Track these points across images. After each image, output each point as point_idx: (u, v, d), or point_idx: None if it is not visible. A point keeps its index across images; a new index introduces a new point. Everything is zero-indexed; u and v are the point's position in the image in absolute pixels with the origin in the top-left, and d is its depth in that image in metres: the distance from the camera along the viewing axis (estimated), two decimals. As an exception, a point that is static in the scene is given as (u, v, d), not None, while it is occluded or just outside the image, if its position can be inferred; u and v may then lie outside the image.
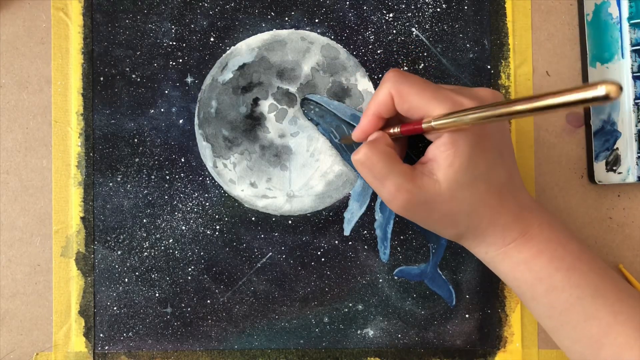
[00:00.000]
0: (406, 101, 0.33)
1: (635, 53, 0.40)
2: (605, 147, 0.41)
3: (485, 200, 0.33)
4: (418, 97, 0.32)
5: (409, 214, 0.34)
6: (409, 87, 0.32)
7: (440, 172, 0.32)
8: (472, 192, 0.32)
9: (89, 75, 0.42)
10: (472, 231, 0.34)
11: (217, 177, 0.42)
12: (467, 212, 0.33)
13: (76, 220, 0.42)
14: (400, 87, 0.33)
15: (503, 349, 0.42)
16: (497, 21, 0.42)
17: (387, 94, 0.33)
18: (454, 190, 0.32)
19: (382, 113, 0.34)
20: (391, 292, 0.42)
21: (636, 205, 0.43)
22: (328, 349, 0.42)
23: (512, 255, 0.34)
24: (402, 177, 0.32)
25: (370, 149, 0.33)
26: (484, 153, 0.32)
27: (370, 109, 0.35)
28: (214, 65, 0.42)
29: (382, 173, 0.33)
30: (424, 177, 0.32)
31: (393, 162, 0.33)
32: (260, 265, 0.42)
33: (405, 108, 0.33)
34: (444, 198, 0.32)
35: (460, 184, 0.32)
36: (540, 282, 0.33)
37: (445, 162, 0.32)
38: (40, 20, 0.42)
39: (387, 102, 0.34)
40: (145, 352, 0.42)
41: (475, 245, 0.35)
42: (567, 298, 0.32)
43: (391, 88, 0.33)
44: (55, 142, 0.42)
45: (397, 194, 0.32)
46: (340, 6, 0.42)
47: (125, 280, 0.42)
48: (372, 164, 0.33)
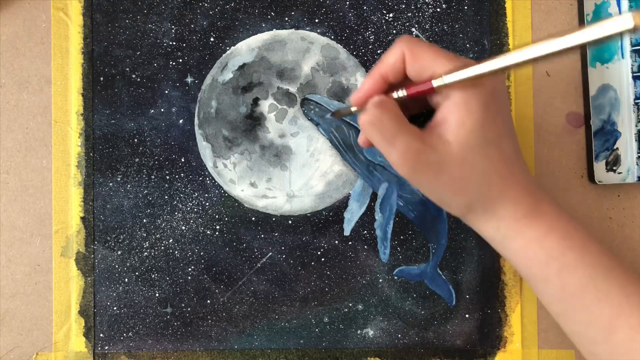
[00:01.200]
0: (419, 61, 0.32)
1: (635, 53, 0.40)
2: (605, 147, 0.41)
3: (496, 167, 0.32)
4: (432, 57, 0.31)
5: (418, 176, 0.32)
6: (422, 48, 0.32)
7: (451, 133, 0.31)
8: (483, 157, 0.31)
9: (89, 75, 0.42)
10: (482, 201, 0.33)
11: (217, 177, 0.42)
12: (478, 179, 0.32)
13: (76, 220, 0.42)
14: (413, 47, 0.32)
15: (503, 349, 0.42)
16: (497, 21, 0.42)
17: (399, 54, 0.32)
18: (465, 152, 0.31)
19: (390, 75, 0.33)
20: (391, 292, 0.42)
21: (636, 205, 0.43)
22: (328, 349, 0.42)
23: (525, 231, 0.32)
24: (412, 137, 0.31)
25: (379, 108, 0.32)
26: (496, 118, 0.31)
27: (377, 70, 0.33)
28: (214, 65, 0.42)
29: (392, 132, 0.31)
30: (434, 137, 0.31)
31: (402, 122, 0.32)
32: (260, 265, 0.42)
33: (416, 69, 0.32)
34: (455, 160, 0.31)
35: (472, 147, 0.31)
36: (553, 260, 0.32)
37: (456, 123, 0.31)
38: (40, 20, 0.42)
39: (397, 63, 0.32)
40: (145, 352, 0.42)
41: (485, 220, 0.33)
42: (580, 277, 0.32)
43: (404, 47, 0.32)
44: (55, 142, 0.42)
45: (407, 154, 0.31)
46: (340, 6, 0.42)
47: (125, 280, 0.42)
48: (381, 123, 0.32)
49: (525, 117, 0.42)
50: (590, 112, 0.42)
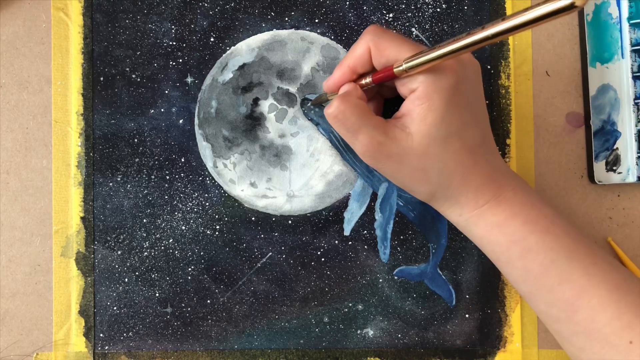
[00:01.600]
0: (383, 55, 0.33)
1: (635, 53, 0.40)
2: (605, 147, 0.41)
3: (458, 158, 0.33)
4: (396, 49, 0.32)
5: (381, 166, 0.33)
6: (388, 41, 0.33)
7: (414, 126, 0.32)
8: (444, 149, 0.32)
9: (89, 75, 0.42)
10: (444, 190, 0.34)
11: (217, 177, 0.42)
12: (439, 169, 0.33)
13: (76, 220, 0.42)
14: (378, 41, 0.33)
15: (503, 349, 0.42)
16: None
17: (365, 47, 0.33)
18: (426, 145, 0.32)
19: (357, 67, 0.34)
20: (391, 292, 0.42)
21: (636, 205, 0.43)
22: (328, 349, 0.42)
23: (486, 217, 0.33)
24: (374, 129, 0.32)
25: (342, 102, 0.33)
26: (458, 110, 0.32)
27: (346, 61, 0.34)
28: (214, 65, 0.42)
29: (355, 126, 0.32)
30: (397, 129, 0.32)
31: (365, 115, 0.33)
32: (260, 265, 0.42)
33: (382, 62, 0.33)
34: (416, 152, 0.32)
35: (433, 139, 0.32)
36: (514, 244, 0.33)
37: (419, 116, 0.32)
38: (40, 20, 0.42)
39: (364, 56, 0.33)
40: (145, 352, 0.42)
41: (448, 206, 0.35)
42: (542, 261, 0.32)
43: (369, 41, 0.33)
44: (55, 142, 0.42)
45: (370, 145, 0.32)
46: (340, 6, 0.42)
47: (125, 280, 0.42)
48: (344, 117, 0.33)
49: (525, 117, 0.42)
50: (590, 112, 0.42)
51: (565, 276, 0.32)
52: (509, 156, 0.42)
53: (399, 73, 0.32)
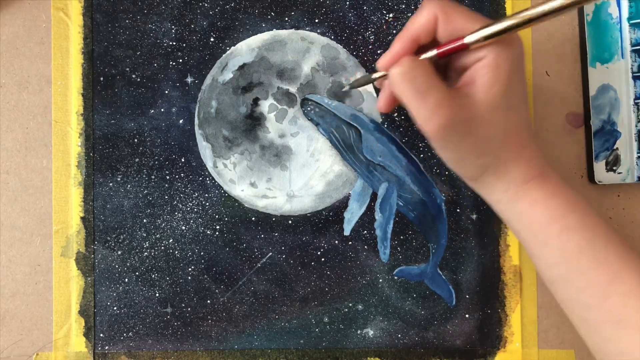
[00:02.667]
0: (452, 22, 0.32)
1: (635, 53, 0.40)
2: (605, 147, 0.41)
3: (516, 130, 0.33)
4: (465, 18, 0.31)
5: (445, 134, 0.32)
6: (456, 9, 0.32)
7: (480, 93, 0.31)
8: (507, 119, 0.32)
9: (89, 75, 0.42)
10: (497, 164, 0.33)
11: (217, 177, 0.42)
12: (500, 139, 0.32)
13: (76, 220, 0.42)
14: (447, 9, 0.32)
15: (503, 349, 0.42)
16: (497, 21, 0.42)
17: (431, 15, 0.32)
18: (491, 113, 0.32)
19: (421, 36, 0.32)
20: (391, 292, 0.42)
21: (636, 205, 0.43)
22: (328, 349, 0.42)
23: (532, 192, 0.33)
24: (444, 93, 0.31)
25: (412, 60, 0.31)
26: (519, 84, 0.32)
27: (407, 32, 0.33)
28: (214, 65, 0.42)
29: (424, 86, 0.31)
30: (463, 97, 0.32)
31: (435, 77, 0.31)
32: (260, 265, 0.42)
33: (449, 29, 0.32)
34: (481, 120, 0.32)
35: (498, 108, 0.32)
36: (554, 221, 0.33)
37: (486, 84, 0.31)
38: (40, 20, 0.42)
39: (429, 24, 0.32)
40: (145, 352, 0.42)
41: (496, 181, 0.34)
42: (580, 241, 0.32)
43: (437, 9, 0.32)
44: (55, 142, 0.42)
45: (439, 110, 0.31)
46: (340, 6, 0.42)
47: (125, 280, 0.42)
48: (414, 76, 0.31)
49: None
50: (590, 112, 0.42)
51: (602, 258, 0.32)
52: (509, 156, 0.42)
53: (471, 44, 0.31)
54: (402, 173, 0.42)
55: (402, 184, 0.42)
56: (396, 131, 0.42)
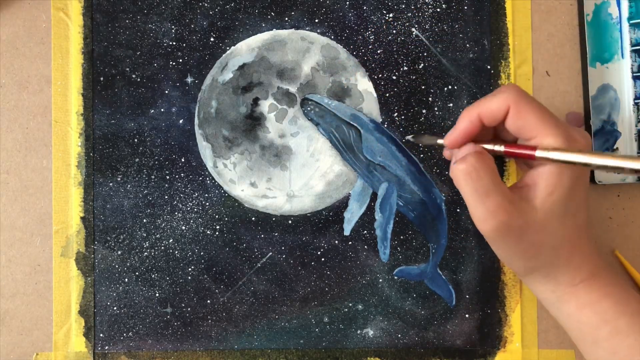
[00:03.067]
0: (522, 118, 0.31)
1: (635, 53, 0.40)
2: (605, 147, 0.41)
3: (569, 236, 0.33)
4: (537, 119, 0.31)
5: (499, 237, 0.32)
6: (530, 106, 0.31)
7: (539, 200, 0.31)
8: (561, 226, 0.32)
9: (89, 75, 0.42)
10: (547, 266, 0.34)
11: (217, 177, 0.42)
12: (551, 246, 0.33)
13: (76, 220, 0.42)
14: (521, 103, 0.31)
15: (503, 349, 0.42)
16: (497, 21, 0.42)
17: (503, 104, 0.32)
18: (547, 220, 0.32)
19: (487, 119, 0.32)
20: (391, 292, 0.42)
21: (636, 205, 0.42)
22: (328, 349, 0.42)
23: (580, 295, 0.33)
24: (503, 197, 0.31)
25: (478, 160, 0.32)
26: (579, 191, 0.32)
27: (475, 110, 0.33)
28: (214, 65, 0.42)
29: (486, 188, 0.31)
30: (522, 201, 0.32)
31: (498, 179, 0.32)
32: (260, 265, 0.42)
33: (518, 125, 0.32)
34: (537, 226, 0.32)
35: (554, 216, 0.32)
36: (605, 324, 0.33)
37: (545, 190, 0.31)
38: (40, 20, 0.42)
39: (499, 112, 0.32)
40: (145, 352, 0.42)
41: (544, 282, 0.34)
42: (632, 343, 0.32)
43: (511, 100, 0.32)
44: (55, 142, 0.42)
45: (497, 213, 0.31)
46: (340, 6, 0.42)
47: (125, 280, 0.42)
48: (478, 176, 0.31)
49: (525, 117, 0.42)
50: (590, 112, 0.42)
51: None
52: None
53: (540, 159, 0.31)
54: (402, 173, 0.42)
55: (402, 184, 0.42)
56: (396, 131, 0.42)
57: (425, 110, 0.42)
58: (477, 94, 0.42)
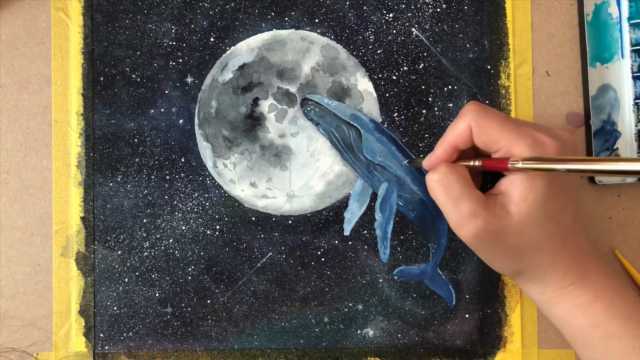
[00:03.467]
0: (485, 134, 0.32)
1: (635, 53, 0.40)
2: (605, 147, 0.41)
3: (551, 240, 0.33)
4: (498, 131, 0.32)
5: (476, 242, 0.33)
6: (489, 121, 0.32)
7: (513, 205, 0.32)
8: (540, 230, 0.32)
9: (89, 75, 0.42)
10: (531, 270, 0.34)
11: (217, 177, 0.42)
12: (532, 250, 0.33)
13: (76, 220, 0.42)
14: (480, 120, 0.33)
15: (503, 349, 0.42)
16: (497, 21, 0.42)
17: (466, 126, 0.33)
18: (523, 226, 0.32)
19: (459, 144, 0.34)
20: (391, 292, 0.42)
21: (636, 205, 0.42)
22: (328, 349, 0.42)
23: (569, 298, 0.33)
24: (477, 202, 0.32)
25: (449, 168, 0.33)
26: (557, 193, 0.32)
27: (447, 138, 0.34)
28: (214, 65, 0.42)
29: (457, 194, 0.32)
30: (497, 207, 0.32)
31: (470, 185, 0.32)
32: (260, 265, 0.42)
33: (483, 140, 0.33)
34: (512, 231, 0.32)
35: (531, 220, 0.32)
36: (596, 328, 0.33)
37: (519, 196, 0.32)
38: (40, 20, 0.42)
39: (465, 134, 0.33)
40: (145, 352, 0.42)
41: (532, 284, 0.35)
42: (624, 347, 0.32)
43: (471, 120, 0.33)
44: (55, 142, 0.42)
45: (470, 218, 0.32)
46: (340, 6, 0.42)
47: (125, 280, 0.42)
48: (449, 183, 0.32)
49: (525, 117, 0.42)
50: (590, 112, 0.42)
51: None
52: (509, 156, 0.42)
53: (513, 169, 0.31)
54: (402, 173, 0.42)
55: (402, 184, 0.42)
56: (396, 131, 0.42)
57: (425, 110, 0.42)
58: (477, 94, 0.42)
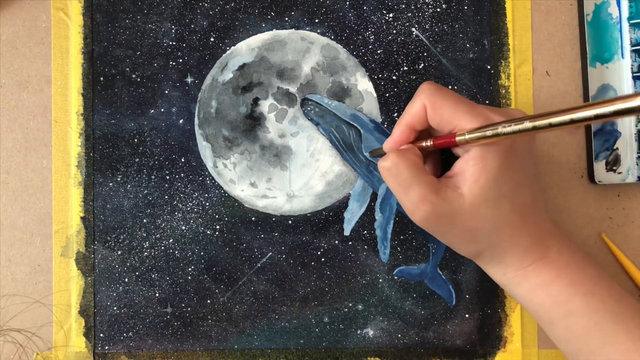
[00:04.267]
0: (438, 113, 0.33)
1: (635, 53, 0.40)
2: (605, 147, 0.41)
3: (507, 219, 0.33)
4: (451, 110, 0.32)
5: (430, 226, 0.33)
6: (443, 100, 0.33)
7: (466, 186, 0.32)
8: (495, 210, 0.32)
9: (89, 75, 0.42)
10: (491, 250, 0.34)
11: (217, 177, 0.42)
12: (488, 230, 0.33)
13: (76, 220, 0.42)
14: (434, 100, 0.33)
15: (503, 349, 0.42)
16: (497, 21, 0.42)
17: (420, 106, 0.33)
18: (477, 206, 0.32)
19: (415, 125, 0.34)
20: (391, 292, 0.42)
21: (636, 205, 0.43)
22: (328, 349, 0.42)
23: (530, 278, 0.33)
24: (426, 188, 0.32)
25: (398, 156, 0.33)
26: (511, 172, 0.32)
27: (403, 119, 0.34)
28: (214, 65, 0.42)
29: (407, 181, 0.32)
30: (449, 189, 0.32)
31: (419, 172, 0.33)
32: (260, 265, 0.42)
33: (437, 120, 0.33)
34: (466, 213, 0.32)
35: (485, 200, 0.32)
36: (558, 306, 0.33)
37: (471, 177, 0.32)
38: (40, 20, 0.42)
39: (420, 114, 0.33)
40: (145, 352, 0.42)
41: (493, 265, 0.35)
42: (586, 323, 0.32)
43: (425, 100, 0.33)
44: (55, 142, 0.42)
45: (420, 204, 0.32)
46: (340, 6, 0.42)
47: (125, 280, 0.42)
48: (398, 171, 0.33)
49: (525, 117, 0.42)
50: (590, 112, 0.42)
51: (610, 338, 0.32)
52: (509, 156, 0.42)
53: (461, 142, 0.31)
54: (402, 173, 0.41)
55: (402, 184, 0.42)
56: (396, 131, 0.42)
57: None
58: (477, 94, 0.42)
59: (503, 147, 0.32)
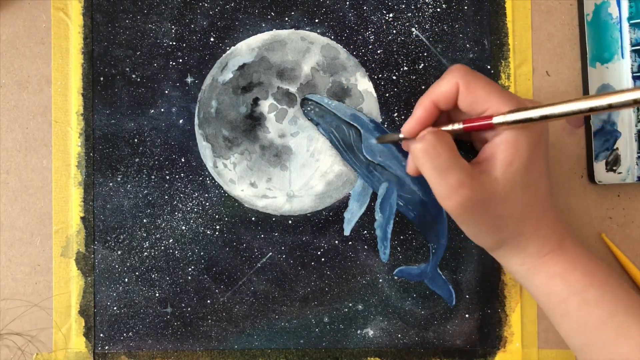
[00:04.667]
0: (472, 94, 0.32)
1: (635, 53, 0.40)
2: (605, 147, 0.41)
3: (533, 207, 0.33)
4: (485, 91, 0.32)
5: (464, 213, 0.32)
6: (477, 81, 0.32)
7: (499, 171, 0.31)
8: (524, 196, 0.32)
9: (89, 75, 0.42)
10: (514, 238, 0.34)
11: (217, 177, 0.42)
12: (516, 217, 0.32)
13: (76, 220, 0.42)
14: (468, 79, 0.32)
15: (503, 349, 0.42)
16: (497, 21, 0.42)
17: (453, 84, 0.32)
18: (509, 192, 0.31)
19: (441, 103, 0.33)
20: (391, 292, 0.42)
21: (636, 205, 0.43)
22: (328, 349, 0.42)
23: (549, 266, 0.33)
24: (464, 173, 0.31)
25: (436, 137, 0.32)
26: (539, 160, 0.32)
27: (428, 97, 0.33)
28: (214, 65, 0.42)
29: (445, 165, 0.31)
30: (482, 174, 0.31)
31: (457, 155, 0.32)
32: (260, 265, 0.42)
33: (469, 101, 0.32)
34: (499, 198, 0.32)
35: (516, 186, 0.31)
36: (573, 295, 0.33)
37: (504, 161, 0.31)
38: (40, 20, 0.42)
39: (450, 93, 0.32)
40: (145, 352, 0.42)
41: (513, 255, 0.34)
42: (600, 314, 0.32)
43: (460, 78, 0.32)
44: (55, 142, 0.42)
45: (460, 189, 0.31)
46: (340, 6, 0.42)
47: (125, 280, 0.42)
48: (437, 153, 0.31)
49: (525, 117, 0.42)
50: (590, 112, 0.42)
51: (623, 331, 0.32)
52: (509, 156, 0.42)
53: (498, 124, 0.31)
54: (402, 173, 0.42)
55: (402, 184, 0.42)
56: (396, 131, 0.42)
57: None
58: (477, 94, 0.42)
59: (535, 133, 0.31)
